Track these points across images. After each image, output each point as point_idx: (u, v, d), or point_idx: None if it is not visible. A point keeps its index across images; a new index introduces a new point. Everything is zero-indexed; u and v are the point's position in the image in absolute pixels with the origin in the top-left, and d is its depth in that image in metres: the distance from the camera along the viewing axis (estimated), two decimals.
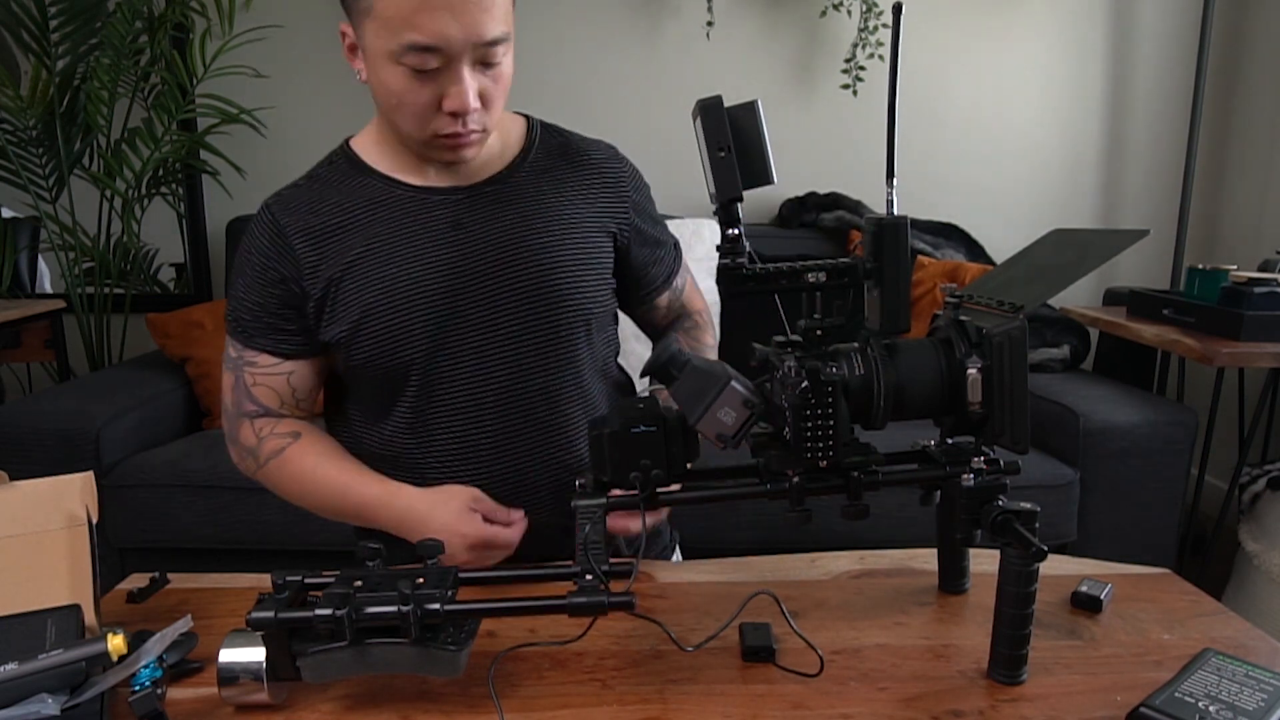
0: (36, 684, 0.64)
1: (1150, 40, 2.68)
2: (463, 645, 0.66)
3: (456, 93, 0.87)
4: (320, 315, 0.96)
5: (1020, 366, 0.69)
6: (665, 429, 0.74)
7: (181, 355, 2.23)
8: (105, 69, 2.35)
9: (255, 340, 0.98)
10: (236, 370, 0.99)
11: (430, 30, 0.82)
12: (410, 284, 0.94)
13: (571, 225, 0.99)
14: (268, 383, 0.99)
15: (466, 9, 0.83)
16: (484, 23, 0.84)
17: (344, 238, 0.95)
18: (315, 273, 0.95)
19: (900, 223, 0.68)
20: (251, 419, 1.00)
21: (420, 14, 0.82)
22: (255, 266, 0.97)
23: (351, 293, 0.94)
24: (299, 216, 0.96)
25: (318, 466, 0.97)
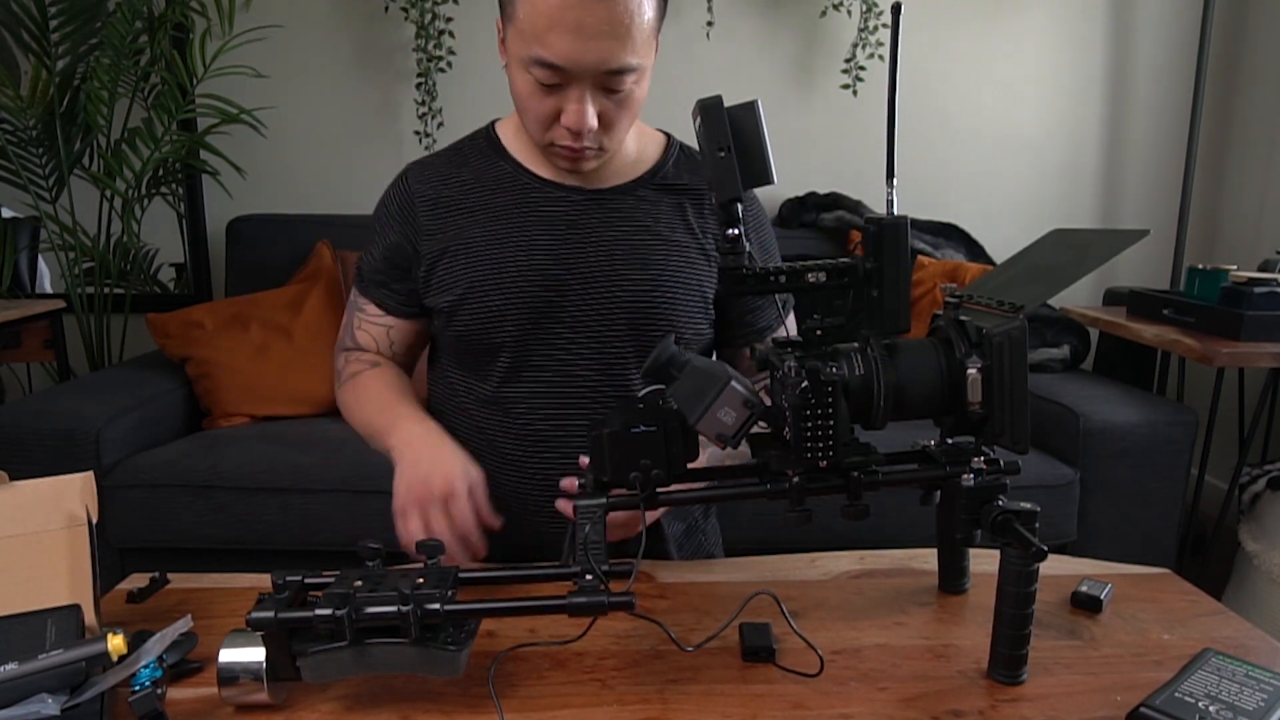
0: (36, 684, 0.64)
1: (1150, 40, 2.68)
2: (463, 645, 0.66)
3: (574, 111, 0.88)
4: (429, 282, 1.01)
5: (1020, 366, 0.69)
6: (665, 429, 0.74)
7: (181, 355, 2.23)
8: (105, 69, 2.35)
9: (369, 291, 1.07)
10: (351, 311, 1.10)
11: (557, 50, 0.84)
12: (516, 270, 0.97)
13: (682, 250, 1.01)
14: (370, 330, 1.08)
15: (597, 35, 0.83)
16: (612, 50, 0.85)
17: (465, 213, 1.00)
18: (431, 240, 1.01)
19: (900, 223, 0.68)
20: (348, 351, 1.10)
21: (551, 32, 0.83)
22: (381, 223, 1.05)
23: (461, 266, 0.99)
24: (430, 185, 1.02)
25: (375, 388, 1.03)
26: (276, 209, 2.62)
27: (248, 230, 2.49)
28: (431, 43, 2.51)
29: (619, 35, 0.84)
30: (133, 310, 2.59)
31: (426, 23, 2.49)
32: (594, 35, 0.83)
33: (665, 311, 0.99)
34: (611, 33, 0.83)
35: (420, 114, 2.57)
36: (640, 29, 0.85)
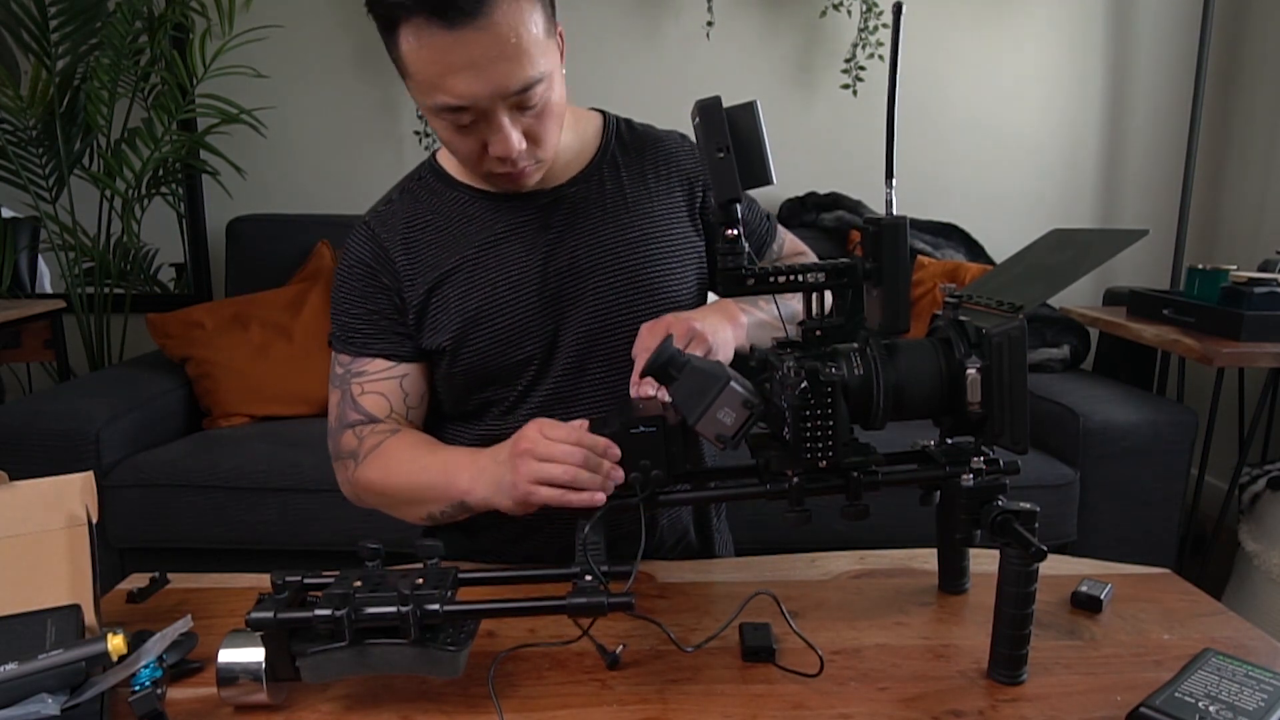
0: (36, 684, 0.64)
1: (1150, 40, 2.68)
2: (462, 645, 0.66)
3: (498, 140, 0.86)
4: (421, 324, 0.98)
5: (1019, 366, 0.69)
6: (665, 429, 0.74)
7: (181, 355, 2.23)
8: (105, 69, 2.35)
9: (370, 347, 0.99)
10: (343, 385, 0.99)
11: (457, 91, 0.82)
12: (509, 289, 0.96)
13: (655, 218, 1.01)
14: (378, 388, 0.98)
15: (490, 65, 0.81)
16: (511, 73, 0.82)
17: (439, 248, 0.98)
18: (414, 283, 0.98)
19: (899, 223, 0.68)
20: (355, 427, 0.97)
21: (445, 77, 0.81)
22: (359, 278, 0.99)
23: (452, 300, 0.96)
24: (396, 231, 0.99)
25: (410, 449, 0.94)
26: (276, 209, 2.62)
27: (248, 230, 2.49)
28: None
29: (511, 55, 0.81)
30: (133, 310, 2.59)
31: None
32: (487, 65, 0.81)
33: (661, 283, 0.99)
34: (502, 55, 0.81)
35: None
36: (531, 40, 0.82)
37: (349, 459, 0.97)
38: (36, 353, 2.45)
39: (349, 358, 1.00)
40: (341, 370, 1.00)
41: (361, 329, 0.99)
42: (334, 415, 1.00)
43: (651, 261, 0.99)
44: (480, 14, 0.78)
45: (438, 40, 0.79)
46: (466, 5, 0.77)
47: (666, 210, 1.02)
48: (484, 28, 0.79)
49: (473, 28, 0.78)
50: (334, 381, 1.01)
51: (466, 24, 0.78)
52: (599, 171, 1.01)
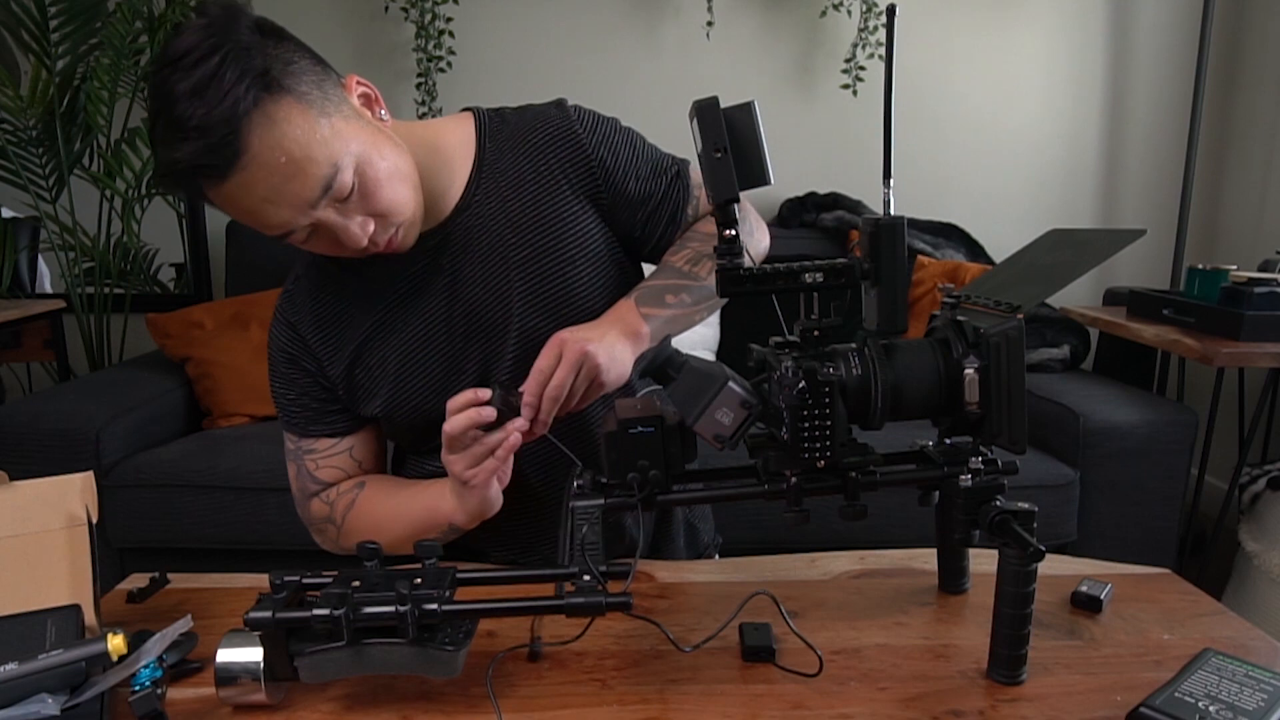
0: (36, 684, 0.65)
1: (1150, 40, 2.68)
2: (460, 645, 0.66)
3: (343, 238, 0.83)
4: (353, 396, 0.98)
5: (1017, 366, 0.69)
6: (663, 429, 0.74)
7: (181, 355, 2.23)
8: (105, 69, 2.35)
9: (310, 429, 1.00)
10: (297, 460, 1.01)
11: (268, 226, 0.80)
12: (423, 341, 0.95)
13: (550, 220, 0.95)
14: (331, 463, 1.00)
15: (279, 192, 0.78)
16: (303, 188, 0.78)
17: (348, 321, 0.97)
18: (333, 360, 0.97)
19: (897, 223, 0.68)
20: (319, 496, 1.00)
21: (248, 217, 0.80)
22: (283, 364, 0.99)
23: (374, 367, 0.96)
24: (304, 310, 0.98)
25: (389, 496, 0.97)
26: None
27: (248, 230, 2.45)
28: (431, 43, 2.51)
29: (292, 173, 0.77)
30: (133, 310, 2.59)
31: (426, 23, 2.50)
32: (276, 194, 0.78)
33: (575, 286, 0.94)
34: (284, 178, 0.77)
35: (420, 114, 2.57)
36: (304, 145, 0.78)
37: (327, 524, 1.00)
38: (36, 353, 2.45)
39: (295, 437, 1.01)
40: (292, 446, 1.01)
41: (298, 413, 0.99)
42: (295, 486, 1.02)
43: (559, 268, 0.94)
44: (237, 160, 0.75)
45: (224, 191, 0.78)
46: (219, 161, 0.75)
47: (560, 205, 0.95)
48: (247, 166, 0.76)
49: (239, 171, 0.76)
50: (288, 455, 1.02)
51: (232, 173, 0.76)
52: (478, 191, 0.95)
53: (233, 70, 0.75)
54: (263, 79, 0.76)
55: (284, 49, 0.80)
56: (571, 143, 0.96)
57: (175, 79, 0.74)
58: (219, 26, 0.76)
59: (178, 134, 0.74)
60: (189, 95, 0.74)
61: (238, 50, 0.76)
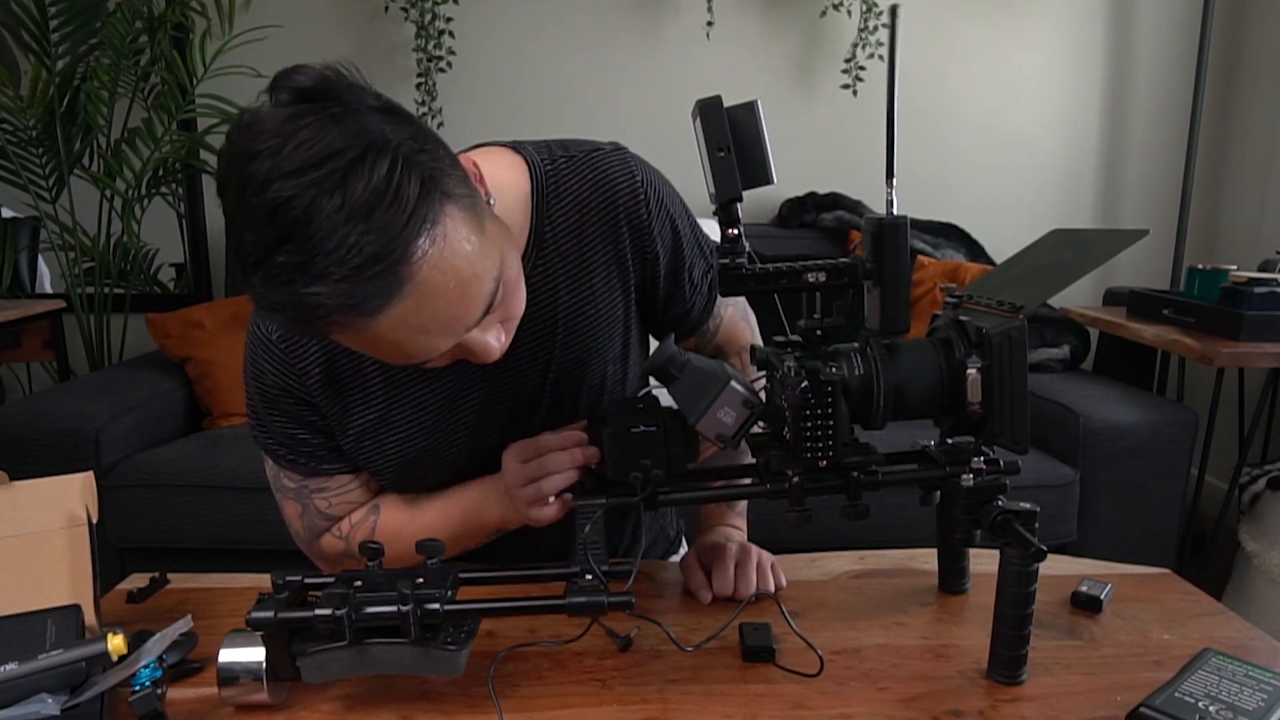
0: (36, 684, 0.64)
1: (1150, 40, 2.68)
2: (462, 645, 0.66)
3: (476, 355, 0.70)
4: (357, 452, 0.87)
5: (1020, 366, 0.69)
6: (665, 429, 0.74)
7: (181, 355, 2.23)
8: (105, 69, 2.35)
9: (322, 467, 0.88)
10: (302, 499, 0.90)
11: (418, 356, 0.66)
12: (446, 435, 0.86)
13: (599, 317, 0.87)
14: (345, 499, 0.90)
15: (441, 320, 0.64)
16: (466, 312, 0.65)
17: (363, 389, 0.84)
18: (343, 425, 0.85)
19: (900, 223, 0.68)
20: (329, 530, 0.91)
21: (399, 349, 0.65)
22: (288, 404, 0.84)
23: (387, 448, 0.86)
24: (313, 364, 0.82)
25: (414, 512, 0.89)
26: None
27: None
28: (431, 43, 2.51)
29: (457, 297, 0.63)
30: (133, 310, 2.59)
31: (426, 23, 2.49)
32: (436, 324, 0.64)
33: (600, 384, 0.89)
34: (448, 302, 0.63)
35: (420, 114, 2.57)
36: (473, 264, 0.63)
37: (344, 558, 0.91)
38: (36, 353, 2.45)
39: (300, 477, 0.88)
40: (294, 485, 0.89)
41: (308, 451, 0.87)
42: (298, 524, 0.91)
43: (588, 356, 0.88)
44: (400, 288, 0.59)
45: (369, 333, 0.62)
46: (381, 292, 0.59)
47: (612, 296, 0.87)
48: (410, 295, 0.60)
49: (400, 300, 0.60)
50: (284, 492, 0.90)
51: (391, 306, 0.60)
52: (534, 271, 0.83)
53: (414, 176, 0.59)
54: (440, 180, 0.61)
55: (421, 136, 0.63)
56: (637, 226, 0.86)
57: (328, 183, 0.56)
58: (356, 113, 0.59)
59: (328, 262, 0.57)
60: (358, 213, 0.57)
61: (413, 147, 0.60)
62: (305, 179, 0.56)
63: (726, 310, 0.99)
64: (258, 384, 0.85)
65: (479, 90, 2.61)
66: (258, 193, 0.56)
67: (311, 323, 0.60)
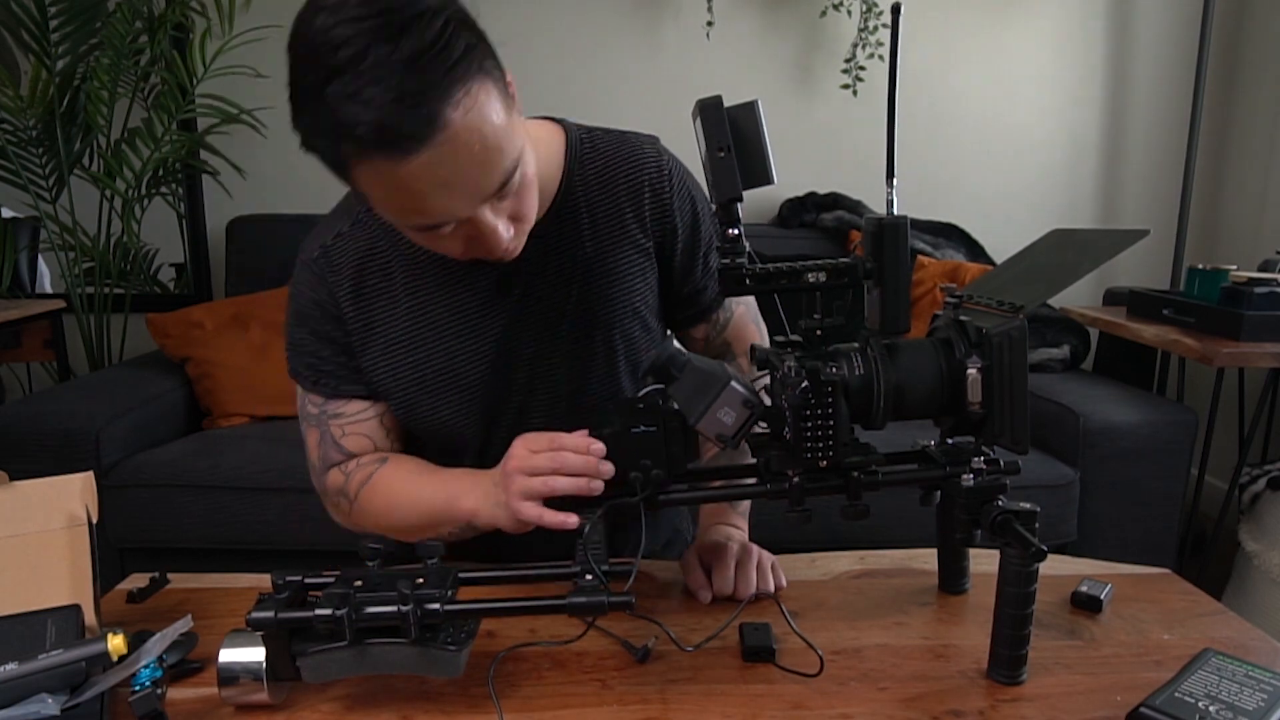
0: (36, 684, 0.64)
1: (1150, 40, 2.68)
2: (462, 645, 0.66)
3: (485, 238, 0.76)
4: (374, 373, 0.91)
5: (1020, 366, 0.69)
6: (665, 429, 0.74)
7: (181, 355, 2.23)
8: (105, 69, 2.35)
9: (342, 389, 0.92)
10: (321, 425, 0.93)
11: (432, 214, 0.73)
12: (465, 360, 0.90)
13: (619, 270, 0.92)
14: (359, 429, 0.93)
15: (461, 178, 0.71)
16: (485, 178, 0.72)
17: (389, 303, 0.90)
18: (364, 335, 0.90)
19: (900, 223, 0.68)
20: (340, 465, 0.94)
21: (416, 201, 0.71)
22: (318, 320, 0.91)
23: (401, 365, 0.90)
24: (344, 275, 0.89)
25: (409, 477, 0.90)
26: (276, 209, 2.61)
27: (248, 230, 2.49)
28: None
29: (480, 160, 0.71)
30: (133, 310, 2.59)
31: None
32: (457, 180, 0.71)
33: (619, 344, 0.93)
34: (471, 163, 0.70)
35: None
36: (495, 132, 0.71)
37: (340, 498, 0.94)
38: (36, 353, 2.45)
39: (321, 399, 0.93)
40: (316, 410, 0.93)
41: (329, 370, 0.92)
42: (315, 454, 0.94)
43: (612, 325, 0.92)
44: (434, 133, 0.67)
45: (397, 174, 0.68)
46: (417, 130, 0.66)
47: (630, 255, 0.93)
48: (442, 144, 0.67)
49: (430, 148, 0.67)
50: (308, 420, 0.94)
51: (423, 149, 0.67)
52: (560, 217, 0.90)
53: (460, 40, 0.67)
54: (480, 55, 0.70)
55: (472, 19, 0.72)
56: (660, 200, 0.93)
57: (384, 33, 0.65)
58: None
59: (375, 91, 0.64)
60: (407, 60, 0.65)
61: (462, 17, 0.69)
62: (362, 25, 0.65)
63: (738, 308, 1.03)
64: (294, 304, 0.93)
65: None
66: (319, 34, 0.67)
67: (348, 163, 0.70)
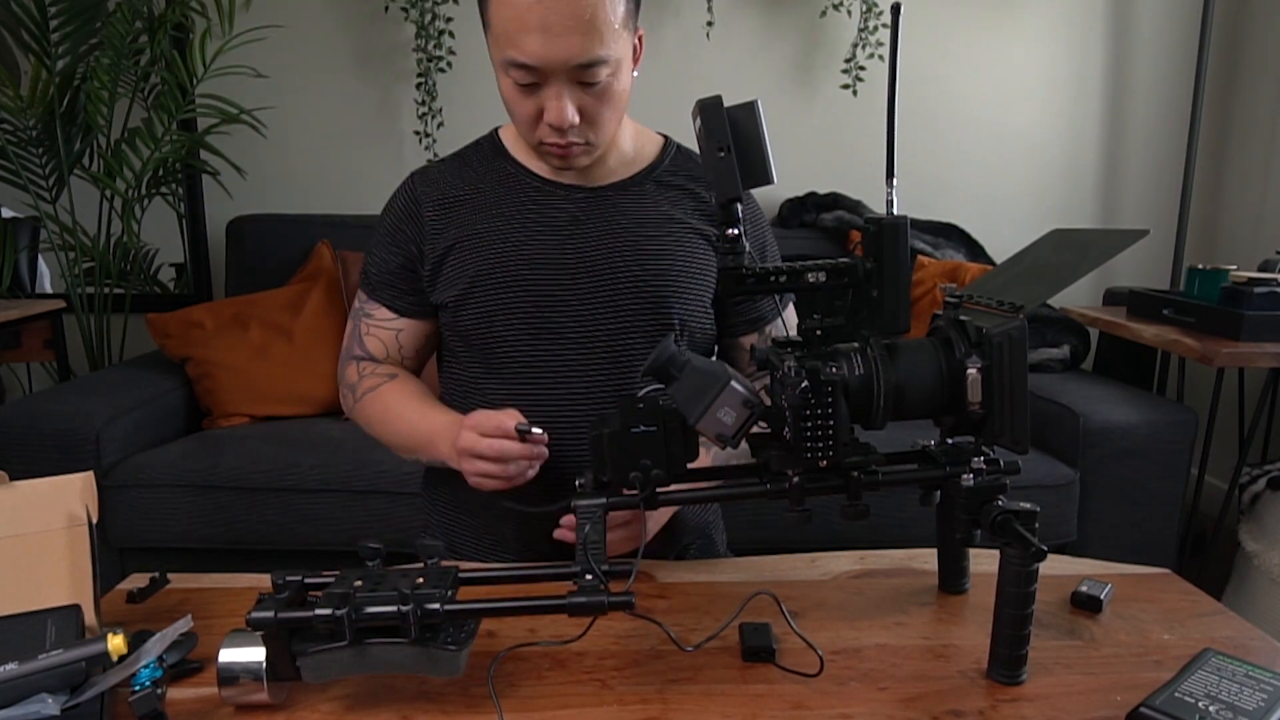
0: (36, 684, 0.64)
1: (1150, 40, 2.68)
2: (463, 645, 0.66)
3: (554, 108, 0.91)
4: (435, 278, 1.03)
5: (1020, 366, 0.69)
6: (665, 429, 0.74)
7: (181, 355, 2.23)
8: (105, 69, 2.35)
9: (377, 293, 1.07)
10: (356, 319, 1.09)
11: (527, 50, 0.87)
12: (521, 264, 1.00)
13: (685, 242, 1.03)
14: (379, 334, 1.08)
15: (563, 32, 0.86)
16: (580, 45, 0.87)
17: (469, 210, 1.03)
18: (437, 237, 1.03)
19: (900, 223, 0.68)
20: (358, 361, 1.08)
21: (521, 34, 0.87)
22: (388, 226, 1.06)
23: (467, 261, 1.01)
24: (435, 187, 1.05)
25: (404, 401, 1.03)
26: (276, 209, 2.61)
27: (248, 230, 2.49)
28: (431, 43, 2.51)
29: (585, 30, 0.86)
30: (133, 310, 2.59)
31: (426, 23, 2.49)
32: (560, 32, 0.85)
33: (672, 303, 1.01)
34: (577, 28, 0.85)
35: (420, 114, 2.57)
36: (606, 22, 0.87)
37: (348, 391, 1.09)
38: (36, 353, 2.45)
39: (365, 296, 1.09)
40: (359, 305, 1.10)
41: (375, 275, 1.07)
42: (346, 342, 1.11)
43: (664, 277, 1.01)
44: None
45: (518, 4, 0.85)
46: None
47: (695, 238, 1.04)
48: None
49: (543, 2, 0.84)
50: (352, 313, 1.11)
51: None
52: (643, 185, 1.05)
53: None
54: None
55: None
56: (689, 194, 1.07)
57: None
58: None
59: None
60: None
61: None
62: None
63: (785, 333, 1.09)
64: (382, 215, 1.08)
65: (479, 90, 2.61)
66: None
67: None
